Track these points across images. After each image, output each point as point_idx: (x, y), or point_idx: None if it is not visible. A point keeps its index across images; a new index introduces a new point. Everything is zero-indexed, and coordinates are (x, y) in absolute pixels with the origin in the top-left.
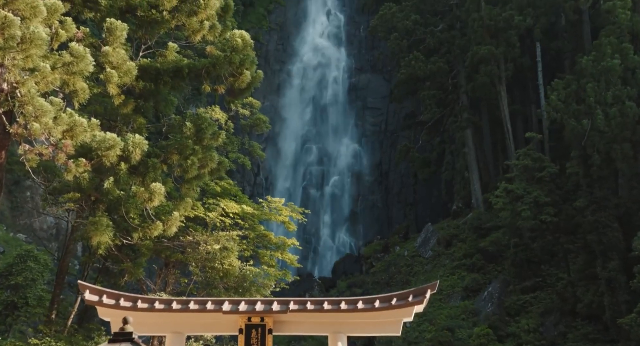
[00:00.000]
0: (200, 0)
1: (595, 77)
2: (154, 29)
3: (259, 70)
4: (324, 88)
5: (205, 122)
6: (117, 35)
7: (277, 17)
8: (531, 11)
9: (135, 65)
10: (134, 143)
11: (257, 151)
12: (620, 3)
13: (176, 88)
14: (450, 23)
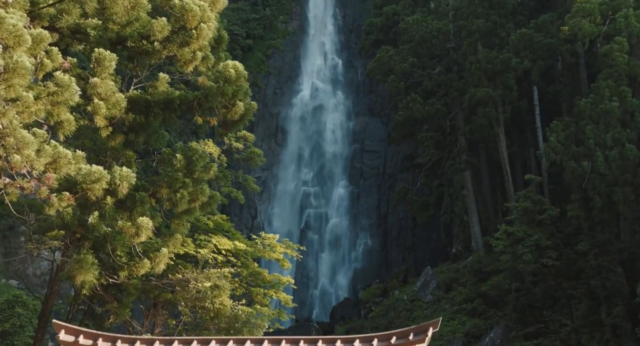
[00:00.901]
0: (192, 31)
1: (594, 120)
2: (145, 60)
3: (257, 113)
4: (322, 132)
5: (196, 154)
6: (106, 65)
7: (275, 62)
8: (528, 54)
9: (124, 97)
10: (121, 176)
11: (251, 185)
12: (617, 47)
13: (167, 121)
14: (447, 66)
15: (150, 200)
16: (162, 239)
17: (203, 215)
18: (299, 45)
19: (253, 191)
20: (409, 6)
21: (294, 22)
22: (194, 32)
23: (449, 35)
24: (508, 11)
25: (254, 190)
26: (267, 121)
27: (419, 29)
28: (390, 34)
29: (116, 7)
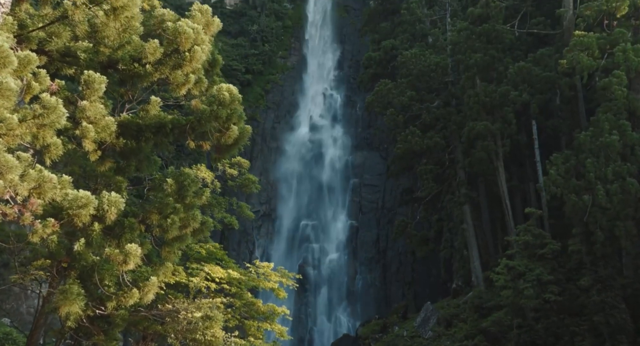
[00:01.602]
0: (185, 53)
1: (594, 153)
2: (137, 83)
3: (255, 147)
4: (320, 166)
5: (187, 178)
6: (95, 88)
7: (274, 96)
8: (527, 87)
9: (114, 121)
10: (110, 202)
11: (245, 212)
12: (616, 80)
13: (159, 146)
14: (446, 99)
15: (139, 226)
16: (152, 267)
17: (195, 243)
18: (298, 80)
19: (251, 226)
20: (407, 41)
21: (292, 57)
22: (187, 55)
23: (447, 69)
24: (506, 46)
25: (249, 216)
26: (266, 155)
27: (417, 62)
28: (389, 68)
29: (108, 30)
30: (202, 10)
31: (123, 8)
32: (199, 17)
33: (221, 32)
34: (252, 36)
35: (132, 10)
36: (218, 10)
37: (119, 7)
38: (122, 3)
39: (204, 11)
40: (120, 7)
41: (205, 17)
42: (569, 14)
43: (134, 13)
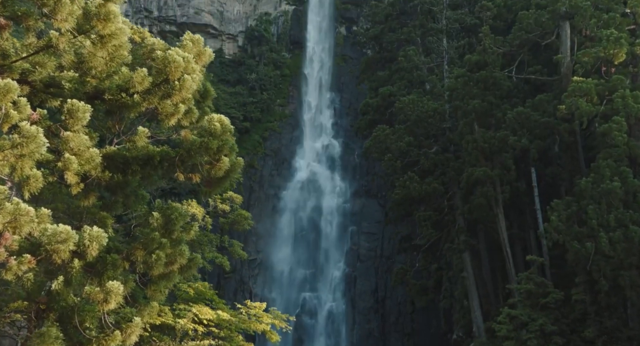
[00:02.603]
0: (174, 82)
1: (596, 200)
2: (124, 113)
3: (253, 194)
4: (318, 214)
5: (175, 212)
6: (79, 117)
7: (272, 144)
8: (526, 132)
9: (99, 153)
10: (91, 237)
11: (237, 251)
12: (615, 126)
13: (147, 179)
14: (444, 145)
15: (123, 263)
16: (137, 308)
17: (184, 282)
18: (296, 128)
19: (248, 275)
20: (404, 87)
21: (291, 105)
22: (177, 84)
23: (445, 115)
24: (503, 93)
25: (241, 256)
26: (263, 202)
27: (415, 108)
28: (387, 114)
29: (95, 60)
30: (194, 40)
31: (111, 36)
32: (190, 46)
33: (220, 80)
34: (251, 85)
35: (120, 39)
36: (217, 60)
37: (107, 35)
38: (109, 31)
39: (195, 41)
40: (107, 35)
41: (197, 46)
42: (566, 61)
43: (122, 41)
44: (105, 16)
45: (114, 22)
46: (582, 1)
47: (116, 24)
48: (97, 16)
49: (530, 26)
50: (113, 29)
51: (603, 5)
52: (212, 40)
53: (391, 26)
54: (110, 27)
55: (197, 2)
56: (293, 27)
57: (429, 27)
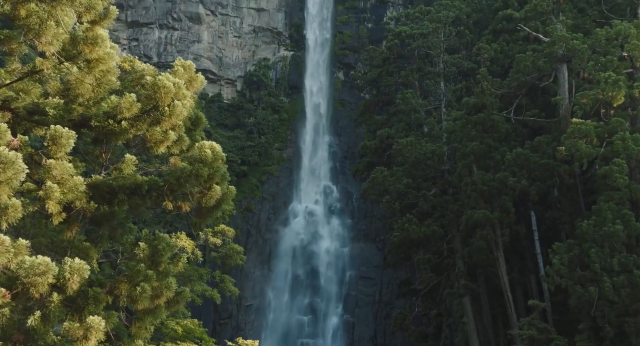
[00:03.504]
0: (164, 108)
1: (598, 243)
2: (111, 141)
3: (250, 238)
4: (316, 258)
5: (162, 242)
6: (62, 143)
7: (270, 188)
8: (525, 174)
9: (83, 181)
10: (72, 269)
11: (229, 286)
12: (616, 168)
13: (135, 210)
14: (442, 187)
15: (106, 297)
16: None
17: (171, 318)
18: (294, 171)
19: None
20: (402, 130)
21: (289, 149)
22: (167, 109)
23: (444, 158)
24: (502, 135)
25: (233, 292)
26: (260, 247)
27: (413, 150)
28: (385, 157)
29: (82, 87)
30: (185, 66)
31: (98, 61)
32: (181, 72)
33: (218, 124)
34: (249, 128)
35: (108, 64)
36: (216, 104)
37: (94, 59)
38: (97, 55)
39: (187, 67)
40: (95, 60)
41: (189, 73)
42: (565, 103)
43: (110, 67)
44: (93, 40)
45: (102, 46)
46: (579, 44)
47: (104, 48)
48: (84, 40)
49: (527, 68)
50: (100, 53)
51: (600, 48)
52: (211, 85)
53: (389, 70)
54: (97, 51)
55: (196, 48)
56: (291, 72)
57: (427, 71)
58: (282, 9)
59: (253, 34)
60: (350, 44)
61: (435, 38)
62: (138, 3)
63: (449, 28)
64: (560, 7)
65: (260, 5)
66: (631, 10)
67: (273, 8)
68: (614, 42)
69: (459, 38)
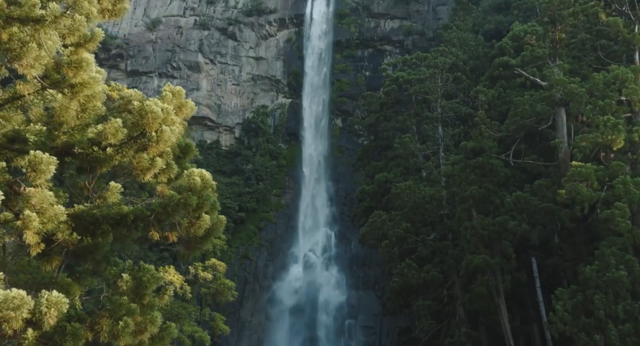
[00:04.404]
0: (152, 133)
1: (602, 289)
2: (95, 169)
3: (247, 286)
4: (314, 306)
5: (147, 273)
6: (42, 169)
7: (268, 234)
8: (525, 217)
9: (64, 210)
10: (49, 303)
11: (219, 325)
12: (618, 212)
13: (120, 241)
14: (442, 232)
15: (86, 334)
16: None
17: None
18: (292, 218)
19: None
20: (400, 174)
21: (287, 195)
22: (154, 135)
23: (442, 202)
24: (501, 179)
25: (224, 331)
26: (258, 295)
27: (412, 195)
28: (383, 202)
29: (67, 114)
30: (174, 92)
31: (82, 85)
32: (170, 97)
33: (216, 171)
34: (247, 175)
35: (93, 88)
36: (214, 151)
37: (78, 84)
38: (81, 79)
39: (176, 93)
40: (79, 84)
41: (178, 98)
42: (564, 146)
43: (96, 91)
44: (77, 64)
45: (87, 70)
46: (576, 88)
47: (89, 72)
48: (68, 64)
49: (525, 112)
50: (85, 77)
51: (598, 92)
52: (209, 132)
53: (386, 115)
54: (82, 75)
55: (195, 96)
56: (290, 119)
57: (424, 116)
58: (281, 57)
59: (252, 82)
60: (348, 92)
61: (433, 83)
62: (138, 53)
63: (446, 74)
64: (556, 52)
65: (259, 54)
66: (627, 57)
67: (272, 57)
68: (612, 86)
69: (456, 84)
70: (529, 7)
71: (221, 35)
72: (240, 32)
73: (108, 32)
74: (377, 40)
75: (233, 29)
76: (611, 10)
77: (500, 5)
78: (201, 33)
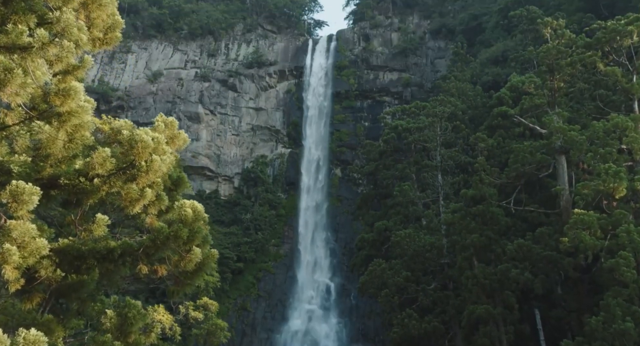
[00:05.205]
0: (141, 163)
1: (609, 341)
2: (82, 201)
3: (245, 338)
4: None
5: (133, 310)
6: (24, 200)
7: (266, 285)
8: (528, 266)
9: (47, 244)
10: (26, 341)
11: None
12: (623, 261)
13: (106, 277)
14: (442, 282)
15: None
16: None
17: None
18: (291, 269)
19: None
20: (400, 222)
21: (285, 245)
22: (144, 165)
23: (443, 250)
24: (502, 227)
25: None
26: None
27: (412, 243)
28: (383, 250)
29: (54, 146)
30: (167, 122)
31: (70, 114)
32: (162, 127)
33: (215, 221)
34: (246, 225)
35: (81, 118)
36: (212, 201)
37: (65, 112)
38: (68, 108)
39: (168, 123)
40: (66, 113)
41: (171, 129)
42: (565, 193)
43: (84, 121)
44: (65, 92)
45: (75, 98)
46: (576, 135)
47: (77, 100)
48: (55, 92)
49: (526, 159)
50: (73, 106)
51: (598, 140)
52: (208, 182)
53: (385, 163)
54: (69, 104)
55: (195, 146)
56: (289, 168)
57: (424, 164)
58: (281, 108)
59: (251, 132)
60: (347, 142)
61: (432, 132)
62: (139, 104)
63: (445, 123)
64: (555, 100)
65: (259, 105)
66: (626, 107)
67: (271, 107)
68: (612, 134)
69: (455, 132)
70: (526, 59)
71: (221, 87)
72: (241, 83)
73: (110, 84)
74: (376, 92)
75: (233, 81)
76: (608, 61)
77: (498, 57)
78: (202, 84)
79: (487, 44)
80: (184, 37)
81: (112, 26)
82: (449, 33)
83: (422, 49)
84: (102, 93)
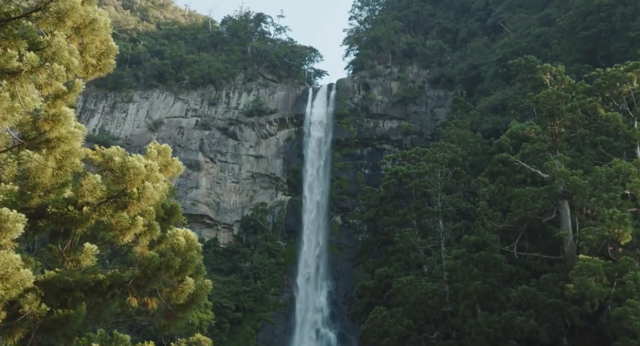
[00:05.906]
0: (133, 189)
1: None
2: (70, 230)
3: None
4: None
5: (121, 344)
6: (8, 228)
7: (265, 335)
8: (533, 313)
9: (31, 276)
10: None
11: None
12: (631, 310)
13: (94, 311)
14: (445, 331)
15: None
16: None
17: None
18: (290, 318)
19: None
20: (401, 269)
21: (285, 294)
22: (135, 192)
23: (445, 298)
24: (505, 275)
25: None
26: None
27: (413, 290)
28: (384, 298)
29: (43, 175)
30: (160, 150)
31: (60, 140)
32: (155, 154)
33: (213, 270)
34: (245, 273)
35: (71, 144)
36: (211, 249)
37: (55, 138)
38: (58, 134)
39: (162, 150)
40: (55, 139)
41: (164, 156)
42: (569, 239)
43: (74, 147)
44: (54, 117)
45: (65, 124)
46: (579, 180)
47: (67, 126)
48: (44, 118)
49: (528, 204)
50: (63, 132)
51: (602, 185)
52: (207, 230)
53: (386, 209)
54: (59, 129)
55: (194, 194)
56: (289, 216)
57: (425, 210)
58: (281, 155)
59: (251, 180)
60: (347, 189)
61: (433, 177)
62: (139, 153)
63: (446, 168)
64: (556, 145)
65: (259, 153)
66: (628, 153)
67: (271, 155)
68: (615, 179)
69: (455, 178)
70: (526, 107)
71: (222, 135)
72: (241, 131)
73: (110, 133)
74: (376, 139)
75: (234, 129)
76: (609, 106)
77: (497, 106)
78: (202, 132)
79: (486, 92)
80: (185, 87)
81: (105, 52)
82: (448, 82)
83: (421, 97)
84: (102, 142)
